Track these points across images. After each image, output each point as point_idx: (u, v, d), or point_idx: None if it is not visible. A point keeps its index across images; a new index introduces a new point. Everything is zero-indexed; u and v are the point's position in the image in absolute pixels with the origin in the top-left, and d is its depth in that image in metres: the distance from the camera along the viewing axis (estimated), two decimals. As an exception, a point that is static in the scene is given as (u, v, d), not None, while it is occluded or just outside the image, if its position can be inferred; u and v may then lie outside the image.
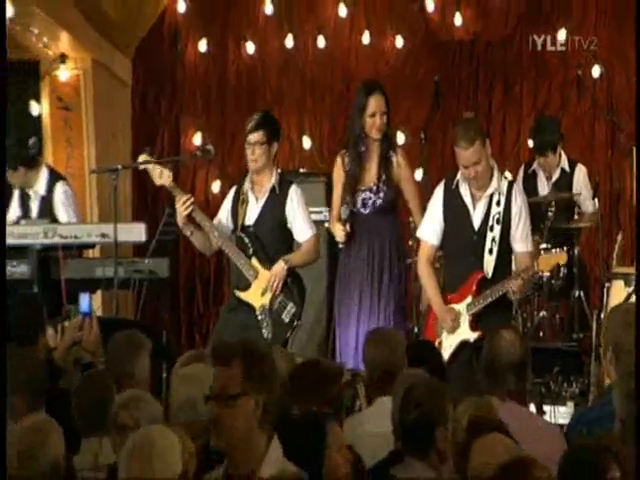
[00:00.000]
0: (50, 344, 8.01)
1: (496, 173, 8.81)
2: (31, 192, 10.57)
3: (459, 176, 8.79)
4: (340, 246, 9.50)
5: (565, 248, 9.88)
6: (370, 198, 9.47)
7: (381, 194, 9.41)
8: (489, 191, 8.74)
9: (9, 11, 10.70)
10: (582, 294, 10.41)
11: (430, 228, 8.93)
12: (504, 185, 8.81)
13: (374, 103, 9.47)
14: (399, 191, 9.51)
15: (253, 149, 9.24)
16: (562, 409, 9.19)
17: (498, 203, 8.72)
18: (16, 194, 10.60)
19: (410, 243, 10.27)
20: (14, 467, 5.45)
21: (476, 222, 8.74)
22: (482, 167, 8.60)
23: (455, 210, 8.84)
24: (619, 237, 10.25)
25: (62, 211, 10.54)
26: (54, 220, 10.45)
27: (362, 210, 9.45)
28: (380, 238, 9.45)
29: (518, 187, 9.24)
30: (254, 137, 9.26)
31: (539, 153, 10.88)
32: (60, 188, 10.58)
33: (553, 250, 9.80)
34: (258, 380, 5.41)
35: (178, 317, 12.47)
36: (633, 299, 8.94)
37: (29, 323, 7.66)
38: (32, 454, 5.48)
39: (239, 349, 6.00)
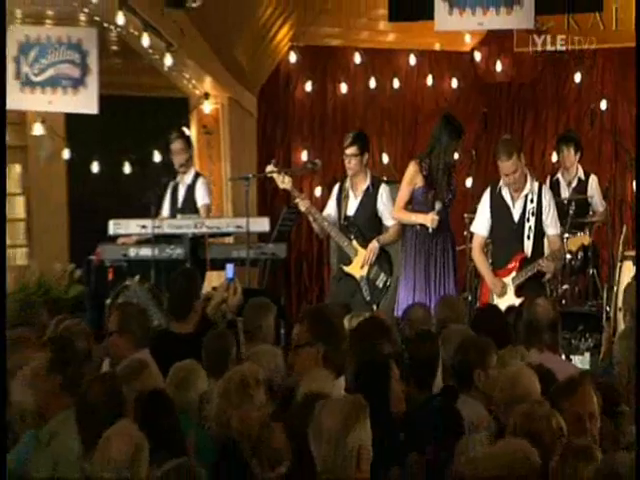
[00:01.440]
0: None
1: (529, 178, 8.92)
2: (181, 184, 10.59)
3: (501, 183, 8.91)
4: (417, 227, 9.38)
5: (588, 232, 9.85)
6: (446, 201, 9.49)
7: (448, 197, 9.45)
8: (524, 192, 8.87)
9: (168, 61, 10.83)
10: (595, 272, 10.37)
11: (481, 223, 9.06)
12: (535, 186, 8.91)
13: (461, 143, 9.64)
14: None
15: (349, 159, 9.41)
16: (580, 358, 9.17)
17: (532, 200, 8.86)
18: (169, 188, 10.65)
19: (465, 233, 10.32)
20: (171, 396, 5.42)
21: (516, 216, 8.84)
22: (518, 174, 8.75)
23: (499, 208, 8.96)
24: (624, 229, 10.22)
25: (201, 192, 10.56)
26: (194, 204, 10.49)
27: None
28: (443, 229, 9.42)
29: (546, 187, 9.28)
30: (350, 151, 9.40)
31: (564, 143, 10.82)
32: (201, 179, 10.62)
33: (579, 233, 9.81)
34: (320, 335, 5.50)
35: (289, 288, 12.49)
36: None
37: (189, 289, 7.73)
38: (184, 386, 5.60)
39: (308, 312, 6.14)
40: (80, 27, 10.96)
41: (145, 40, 10.44)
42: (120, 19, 10.06)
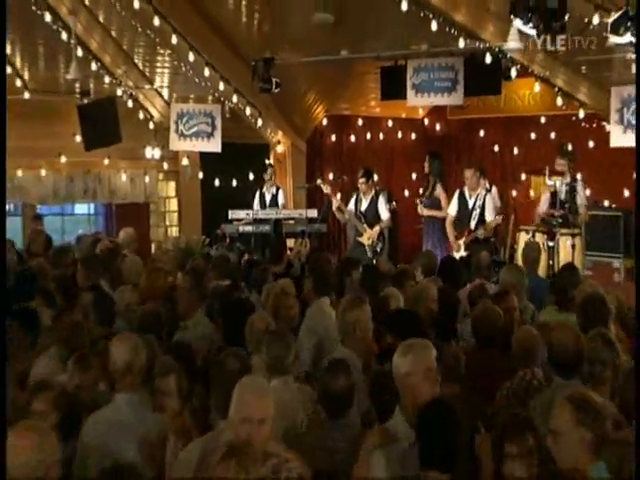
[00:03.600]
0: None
1: (480, 188, 8.93)
2: (267, 192, 10.52)
3: (465, 187, 9.04)
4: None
5: (501, 216, 9.57)
6: (423, 201, 9.78)
7: (428, 201, 9.71)
8: (476, 193, 8.84)
9: (259, 122, 10.83)
10: (495, 240, 10.00)
11: (453, 209, 9.08)
12: (483, 192, 8.92)
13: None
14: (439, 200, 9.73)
15: (361, 185, 9.37)
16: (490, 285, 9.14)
17: (480, 199, 8.83)
18: (257, 193, 10.55)
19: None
20: (271, 314, 5.07)
21: (470, 206, 8.84)
22: (474, 180, 8.98)
23: (462, 201, 9.01)
24: (512, 217, 10.21)
25: (281, 197, 10.51)
26: (276, 203, 10.45)
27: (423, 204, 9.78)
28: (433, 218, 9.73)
29: (490, 193, 9.24)
30: (361, 180, 9.40)
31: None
32: (281, 190, 10.61)
33: (496, 217, 9.50)
34: (312, 271, 5.94)
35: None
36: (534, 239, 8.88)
37: (279, 246, 7.72)
38: (282, 305, 5.29)
39: (311, 260, 6.21)
40: (210, 104, 10.97)
41: (247, 110, 10.49)
42: (234, 99, 10.06)
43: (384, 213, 9.50)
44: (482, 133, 12.64)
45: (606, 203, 9.97)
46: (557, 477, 2.66)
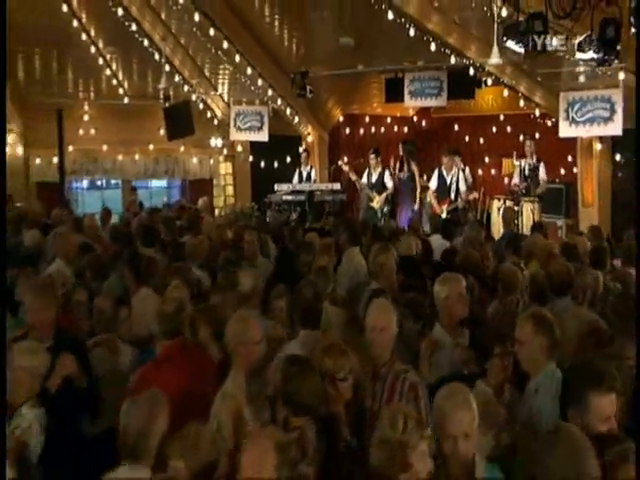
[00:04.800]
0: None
1: (454, 168, 8.69)
2: (304, 170, 10.31)
3: (443, 167, 8.68)
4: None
5: (479, 191, 9.30)
6: (402, 177, 9.47)
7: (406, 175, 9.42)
8: (451, 173, 8.67)
9: (295, 119, 10.64)
10: (467, 206, 9.73)
11: (433, 184, 8.87)
12: (456, 170, 8.72)
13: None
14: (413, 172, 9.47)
15: (372, 160, 9.23)
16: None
17: (454, 177, 8.67)
18: (297, 171, 10.32)
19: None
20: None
21: (448, 182, 8.67)
22: (450, 164, 8.65)
23: (441, 178, 8.76)
24: (482, 190, 10.05)
25: (314, 174, 10.28)
26: (309, 178, 10.18)
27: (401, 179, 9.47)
28: (407, 193, 9.49)
29: (462, 173, 8.98)
30: (372, 156, 9.24)
31: (457, 155, 9.28)
32: (314, 169, 10.22)
33: (474, 192, 9.28)
34: (337, 230, 5.48)
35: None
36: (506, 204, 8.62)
37: (319, 210, 7.65)
38: (326, 252, 5.13)
39: (336, 221, 5.89)
40: (259, 105, 10.65)
41: (287, 111, 10.36)
42: (278, 102, 9.95)
43: (389, 183, 9.49)
44: (457, 127, 12.41)
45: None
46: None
